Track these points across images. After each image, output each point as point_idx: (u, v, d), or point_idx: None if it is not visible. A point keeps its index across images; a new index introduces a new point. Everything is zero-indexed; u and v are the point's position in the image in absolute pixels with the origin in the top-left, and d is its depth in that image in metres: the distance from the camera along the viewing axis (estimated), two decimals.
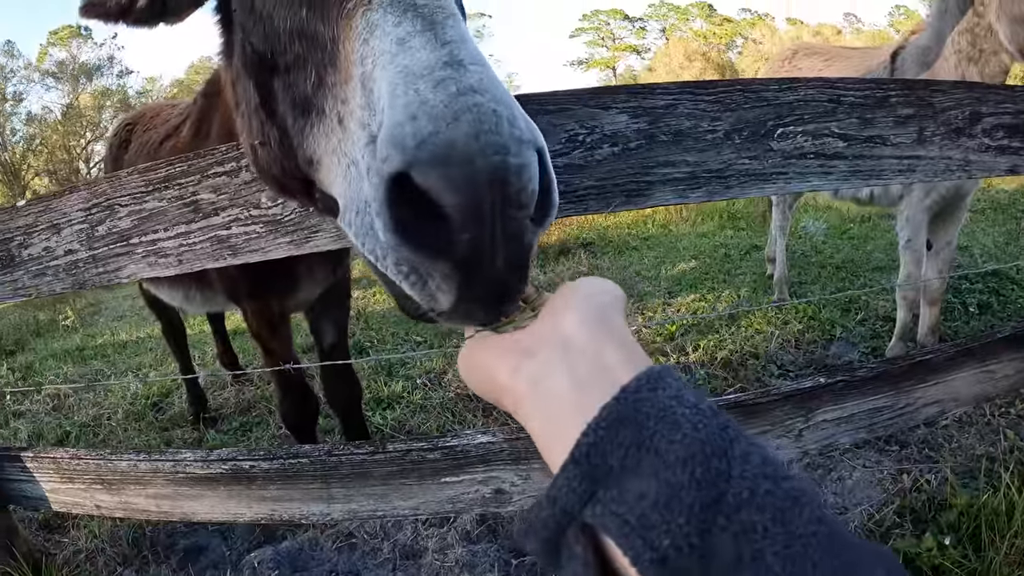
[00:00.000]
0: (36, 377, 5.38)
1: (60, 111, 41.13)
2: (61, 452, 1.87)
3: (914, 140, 1.39)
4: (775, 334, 3.75)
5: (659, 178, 1.19)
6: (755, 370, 3.36)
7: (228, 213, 1.24)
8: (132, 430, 3.69)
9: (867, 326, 3.83)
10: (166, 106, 3.08)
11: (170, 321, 3.84)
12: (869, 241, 6.09)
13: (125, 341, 6.29)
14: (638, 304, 4.75)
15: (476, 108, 0.56)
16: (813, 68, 4.07)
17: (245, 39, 0.93)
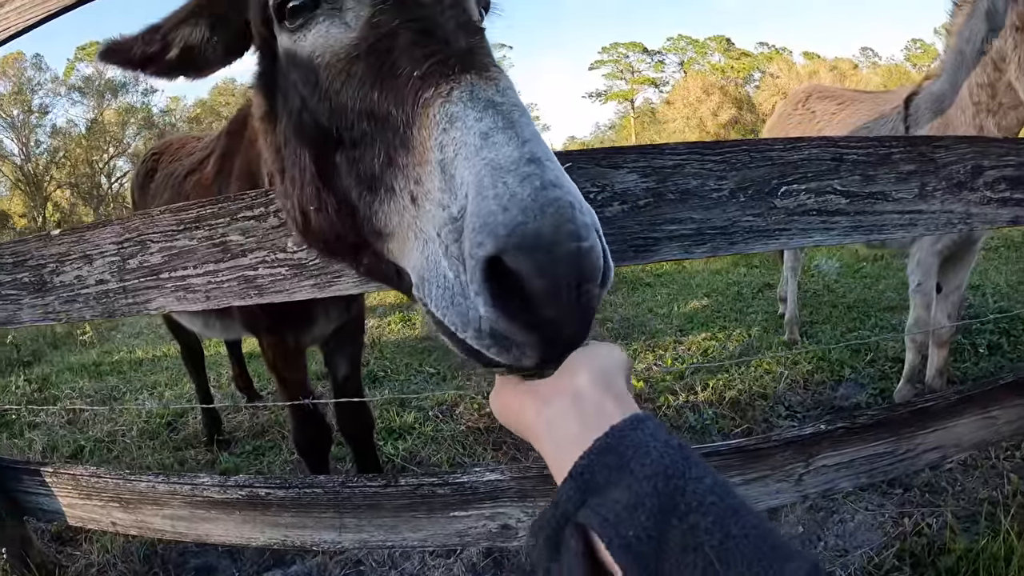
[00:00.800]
0: (52, 390, 5.46)
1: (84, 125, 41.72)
2: (81, 469, 1.92)
3: (916, 195, 1.42)
4: (784, 375, 3.77)
5: (666, 234, 1.24)
6: (763, 411, 3.38)
7: (256, 255, 1.31)
8: (146, 448, 3.75)
9: (876, 367, 3.84)
10: (191, 139, 3.22)
11: (189, 344, 3.92)
12: (881, 280, 6.11)
13: (141, 359, 6.38)
14: (649, 341, 4.79)
15: (557, 202, 0.65)
16: (826, 111, 4.12)
17: (303, 111, 0.99)
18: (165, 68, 1.17)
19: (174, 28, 1.16)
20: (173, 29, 1.16)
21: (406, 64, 0.83)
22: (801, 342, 4.51)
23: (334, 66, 0.92)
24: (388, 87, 0.84)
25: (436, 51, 0.82)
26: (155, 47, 1.16)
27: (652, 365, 4.27)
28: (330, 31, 0.93)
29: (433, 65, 0.80)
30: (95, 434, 4.04)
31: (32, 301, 1.67)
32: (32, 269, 1.64)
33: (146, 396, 4.90)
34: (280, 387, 2.33)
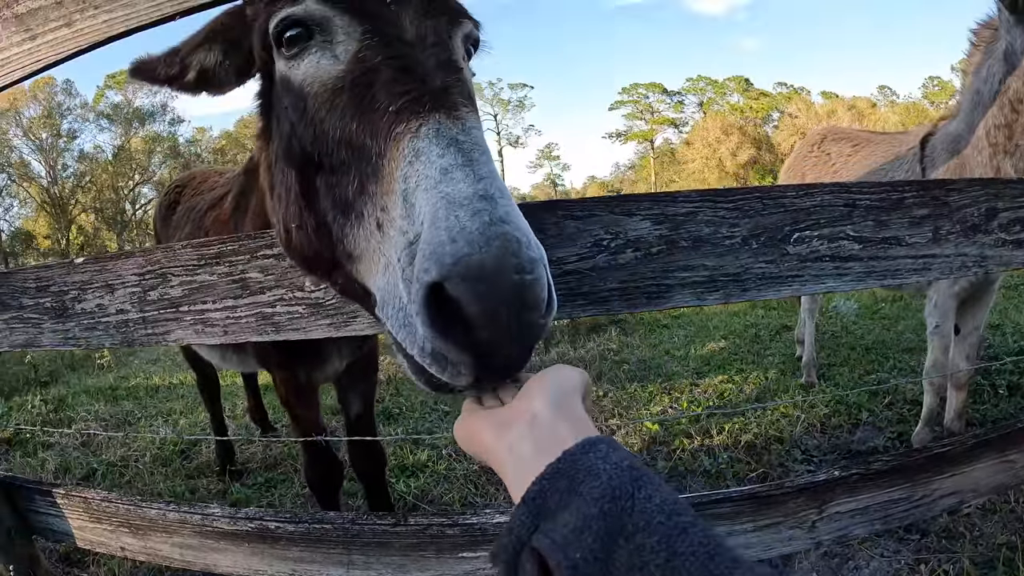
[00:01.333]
0: (68, 411, 5.52)
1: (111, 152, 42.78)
2: (92, 493, 1.93)
3: (929, 239, 1.41)
4: (801, 418, 3.73)
5: (678, 281, 1.25)
6: (779, 455, 3.34)
7: (274, 293, 1.33)
8: (158, 475, 3.77)
9: (894, 410, 3.80)
10: (213, 173, 3.30)
11: (205, 374, 3.96)
12: (900, 321, 6.08)
13: (158, 385, 6.43)
14: (666, 384, 4.77)
15: (503, 236, 0.71)
16: (842, 153, 4.13)
17: (292, 134, 1.05)
18: (186, 87, 1.25)
19: (190, 52, 1.24)
20: (190, 53, 1.24)
21: (384, 99, 0.89)
22: (818, 385, 4.46)
23: (321, 95, 0.98)
24: (366, 119, 0.90)
25: (412, 88, 0.88)
26: (175, 69, 1.24)
27: (668, 408, 4.24)
28: (320, 62, 0.99)
29: (407, 102, 0.87)
30: (108, 458, 4.07)
31: (53, 326, 1.69)
32: (54, 295, 1.67)
33: (161, 423, 4.94)
34: (292, 422, 2.35)
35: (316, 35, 1.00)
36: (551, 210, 1.21)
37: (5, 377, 7.51)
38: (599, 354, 5.81)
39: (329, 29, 0.99)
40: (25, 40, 1.56)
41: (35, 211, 41.99)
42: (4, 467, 4.13)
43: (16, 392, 6.85)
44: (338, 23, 0.98)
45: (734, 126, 47.43)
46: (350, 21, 0.97)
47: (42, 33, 1.53)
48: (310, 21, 0.99)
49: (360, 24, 0.97)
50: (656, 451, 3.50)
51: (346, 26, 0.97)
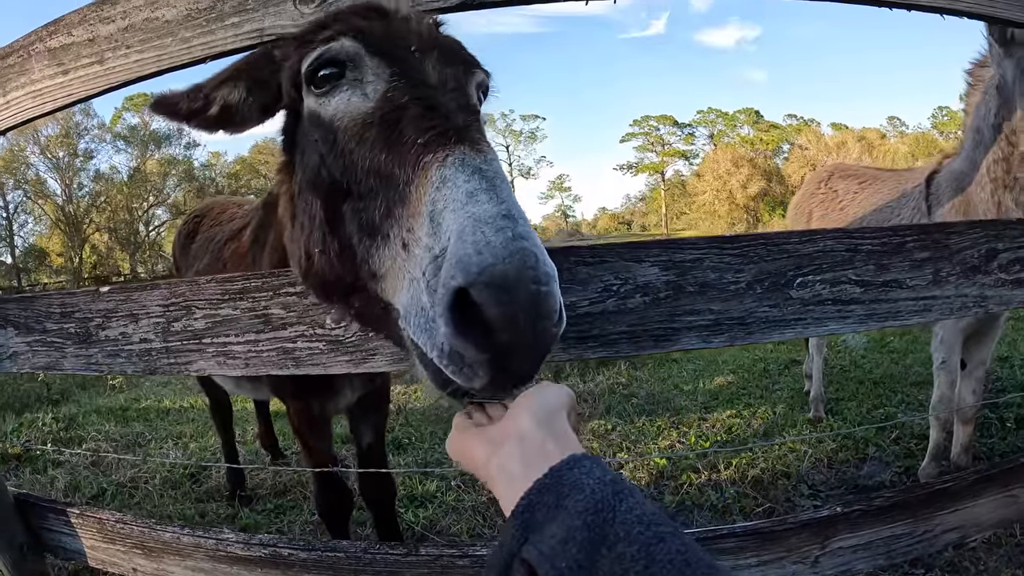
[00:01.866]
0: (78, 430, 5.57)
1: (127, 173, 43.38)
2: (107, 514, 1.96)
3: (930, 281, 1.44)
4: (808, 453, 3.74)
5: (685, 325, 1.29)
6: (785, 490, 3.34)
7: (295, 329, 1.38)
8: (168, 497, 3.79)
9: (902, 444, 3.80)
10: (231, 204, 3.37)
11: (218, 399, 4.01)
12: (909, 355, 6.06)
13: (168, 408, 6.46)
14: (674, 418, 4.78)
15: (523, 251, 0.78)
16: (848, 190, 4.16)
17: (321, 165, 1.13)
18: (206, 123, 1.32)
19: (215, 88, 1.31)
20: (215, 89, 1.31)
21: (412, 133, 0.97)
22: (826, 419, 4.46)
23: (351, 129, 1.07)
24: (395, 150, 0.99)
25: (438, 124, 0.97)
26: (198, 104, 1.31)
27: (676, 442, 4.25)
28: (351, 99, 1.09)
29: (434, 135, 0.95)
30: (118, 479, 4.11)
31: (76, 351, 1.74)
32: (79, 321, 1.71)
33: (171, 445, 4.97)
34: (304, 451, 2.39)
35: (348, 74, 1.09)
36: (564, 256, 1.26)
37: (17, 394, 7.57)
38: (608, 387, 5.83)
39: (360, 69, 1.09)
40: (57, 74, 1.63)
41: (49, 229, 42.44)
42: (14, 483, 4.17)
43: (27, 409, 6.91)
44: (369, 64, 1.08)
45: (744, 158, 47.61)
46: (379, 63, 1.07)
47: (74, 68, 1.60)
48: (344, 59, 1.09)
49: (389, 67, 1.07)
50: (663, 485, 3.51)
51: (376, 68, 1.07)
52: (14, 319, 1.85)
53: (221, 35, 1.40)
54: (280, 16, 1.34)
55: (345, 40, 1.09)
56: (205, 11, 1.41)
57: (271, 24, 1.35)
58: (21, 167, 39.87)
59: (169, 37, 1.45)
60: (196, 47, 1.43)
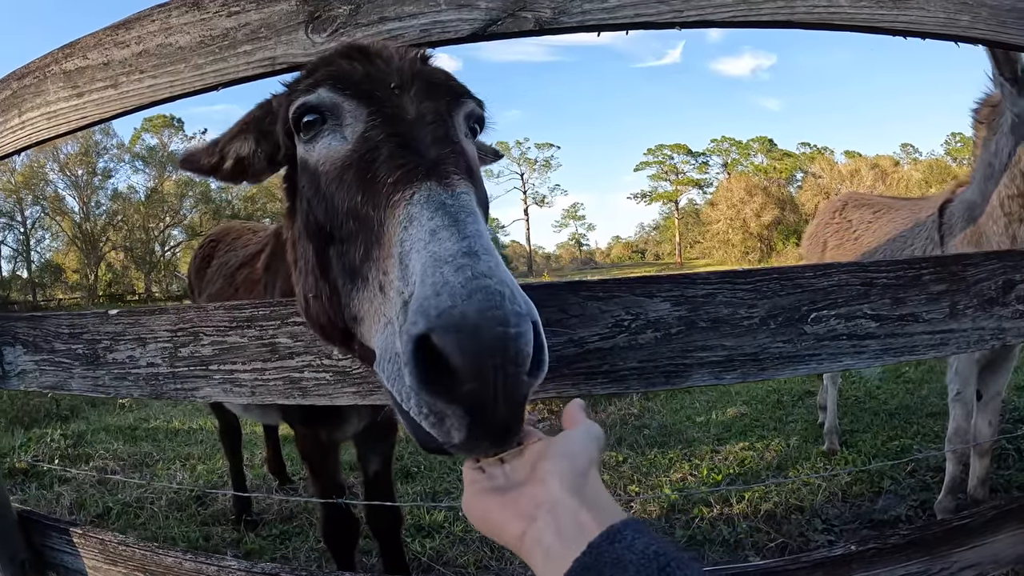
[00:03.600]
0: (86, 448, 5.55)
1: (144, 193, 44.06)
2: (110, 536, 1.94)
3: (947, 315, 1.40)
4: (822, 486, 3.67)
5: (696, 361, 1.26)
6: (799, 525, 3.28)
7: (302, 359, 1.37)
8: (173, 519, 3.77)
9: (917, 477, 3.73)
10: (246, 230, 3.41)
11: (227, 422, 4.00)
12: (924, 385, 5.99)
13: (177, 429, 6.46)
14: (686, 450, 4.72)
15: (485, 289, 0.74)
16: (862, 220, 4.14)
17: (309, 210, 1.12)
18: (224, 176, 1.36)
19: (228, 143, 1.34)
20: (227, 144, 1.34)
21: (383, 172, 0.96)
22: (841, 452, 4.39)
23: (331, 173, 1.06)
24: (369, 192, 0.97)
25: (408, 161, 0.95)
26: (215, 159, 1.35)
27: (688, 475, 4.19)
28: (331, 143, 1.08)
29: (403, 173, 0.93)
30: (124, 498, 4.09)
31: (83, 372, 1.74)
32: (87, 343, 1.71)
33: (179, 467, 4.95)
34: (311, 477, 2.39)
35: (329, 120, 1.09)
36: (575, 291, 1.25)
37: (26, 408, 7.57)
38: (620, 418, 5.76)
39: (339, 114, 1.08)
40: (72, 96, 1.64)
41: (66, 245, 43.04)
42: (19, 498, 4.17)
43: (36, 424, 6.94)
44: (347, 108, 1.07)
45: (758, 187, 47.67)
46: (357, 105, 1.06)
47: (88, 91, 1.61)
48: (323, 107, 1.08)
49: (366, 107, 1.05)
50: (675, 519, 3.45)
51: (354, 110, 1.06)
52: (23, 337, 1.86)
53: (233, 63, 1.41)
54: (292, 45, 1.35)
55: (322, 90, 1.09)
56: (218, 38, 1.42)
57: (283, 53, 1.36)
58: (40, 183, 40.57)
59: (182, 63, 1.46)
60: (208, 74, 1.44)
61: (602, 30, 1.27)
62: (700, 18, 1.24)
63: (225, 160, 1.35)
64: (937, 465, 3.73)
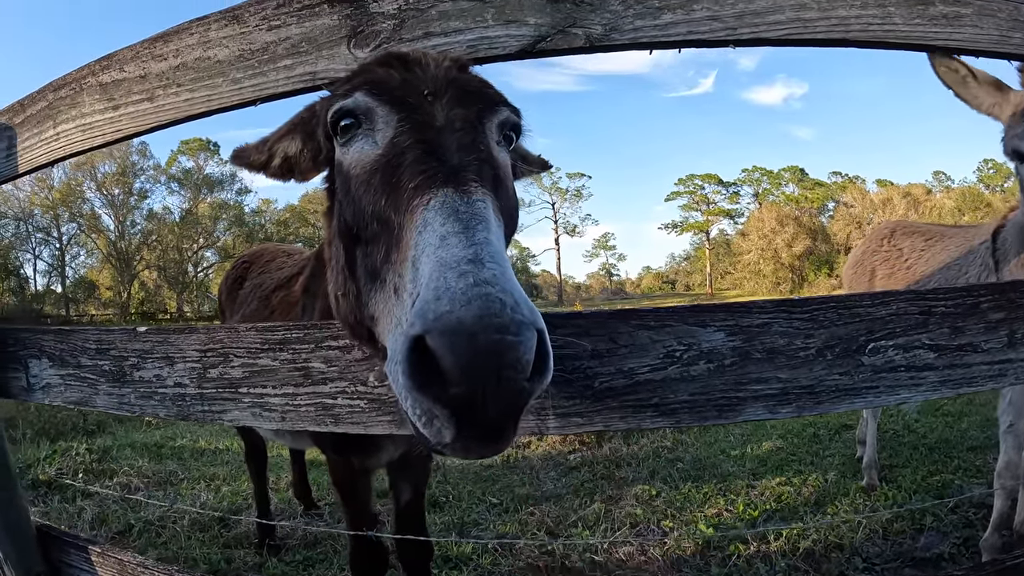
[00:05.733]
0: (111, 463, 5.57)
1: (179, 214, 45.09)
2: (128, 556, 1.91)
3: (1005, 344, 1.33)
4: (861, 524, 3.53)
5: (751, 394, 1.20)
6: (839, 563, 3.16)
7: (336, 385, 1.32)
8: (196, 540, 3.74)
9: (959, 513, 3.58)
10: (281, 252, 3.41)
11: (254, 445, 3.98)
12: (964, 418, 5.85)
13: (204, 448, 6.47)
14: (721, 485, 4.60)
15: (485, 296, 0.75)
16: (914, 248, 4.05)
17: (341, 211, 1.16)
18: (273, 173, 1.41)
19: (276, 141, 1.40)
20: (275, 142, 1.40)
21: (407, 178, 0.98)
22: (880, 487, 4.24)
23: (360, 176, 1.09)
24: (392, 196, 1.00)
25: (430, 168, 0.97)
26: (264, 156, 1.40)
27: (723, 510, 4.06)
28: (363, 148, 1.11)
29: (423, 179, 0.96)
30: (146, 516, 4.07)
31: (109, 389, 1.71)
32: (114, 359, 1.69)
33: (203, 487, 4.95)
34: (342, 506, 2.35)
35: (363, 124, 1.12)
36: (625, 320, 1.19)
37: (53, 421, 7.68)
38: (653, 451, 5.64)
39: (372, 119, 1.11)
40: (108, 109, 1.64)
41: (100, 262, 44.05)
42: (41, 510, 4.18)
43: (62, 437, 7.00)
44: (380, 113, 1.10)
45: (789, 216, 47.43)
46: (390, 111, 1.09)
47: (124, 104, 1.61)
48: (358, 112, 1.11)
49: (397, 113, 1.08)
50: (710, 556, 3.33)
51: (386, 115, 1.09)
52: (50, 351, 1.85)
53: (273, 77, 1.39)
54: (333, 60, 1.33)
55: (358, 94, 1.12)
56: (258, 52, 1.40)
57: (324, 68, 1.34)
58: (77, 201, 41.67)
59: (220, 77, 1.45)
60: (247, 88, 1.43)
61: (654, 48, 1.23)
62: (753, 35, 1.20)
63: (273, 158, 1.40)
64: (980, 501, 3.60)
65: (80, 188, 41.62)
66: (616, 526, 3.80)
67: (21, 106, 1.89)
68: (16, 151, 1.91)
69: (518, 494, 4.52)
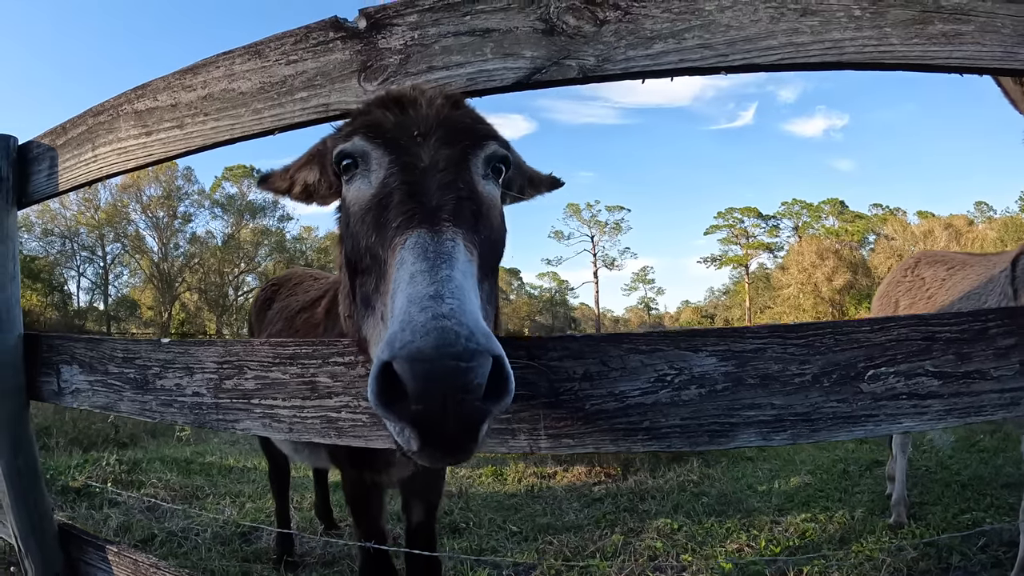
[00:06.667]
0: (140, 475, 5.69)
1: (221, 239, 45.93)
2: (143, 557, 1.98)
3: (1017, 371, 1.27)
4: (886, 562, 3.44)
5: (744, 420, 1.19)
6: None
7: (340, 399, 1.37)
8: (216, 552, 3.80)
9: (988, 553, 3.49)
10: (308, 276, 3.51)
11: (277, 463, 4.05)
12: (1000, 454, 5.70)
13: (231, 466, 6.56)
14: (744, 520, 4.53)
15: (442, 329, 0.85)
16: (936, 277, 3.99)
17: (344, 243, 1.29)
18: (295, 198, 1.54)
19: (297, 170, 1.51)
20: (296, 171, 1.51)
21: (392, 217, 1.09)
22: (908, 525, 4.13)
23: (357, 213, 1.20)
24: (380, 233, 1.11)
25: (411, 208, 1.08)
26: (286, 183, 1.53)
27: (745, 546, 4.00)
28: (360, 187, 1.22)
29: (403, 220, 1.07)
30: (170, 526, 4.16)
31: (133, 396, 1.81)
32: (139, 368, 1.79)
33: (228, 503, 5.02)
34: (354, 521, 2.40)
35: (360, 164, 1.22)
36: (617, 343, 1.21)
37: (88, 432, 7.89)
38: (678, 485, 5.56)
39: (368, 160, 1.21)
40: (141, 135, 1.76)
41: (143, 282, 45.05)
42: (68, 515, 4.28)
43: (94, 447, 7.20)
44: (374, 155, 1.20)
45: (829, 250, 46.50)
46: (383, 153, 1.19)
47: (156, 131, 1.72)
48: (355, 154, 1.22)
49: (388, 155, 1.18)
50: None
51: (380, 157, 1.19)
52: (80, 357, 1.97)
53: (290, 108, 1.48)
54: (345, 92, 1.41)
55: (356, 138, 1.22)
56: (277, 85, 1.49)
57: (336, 100, 1.42)
58: (123, 222, 42.81)
59: (243, 108, 1.54)
60: (267, 118, 1.51)
61: (646, 77, 1.26)
62: (745, 62, 1.22)
63: (295, 185, 1.51)
64: (1011, 539, 3.47)
65: (126, 210, 42.78)
66: (635, 558, 3.75)
67: (63, 129, 2.03)
68: (57, 171, 2.05)
69: (539, 523, 4.51)
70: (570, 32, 1.26)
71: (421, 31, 1.36)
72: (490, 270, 1.20)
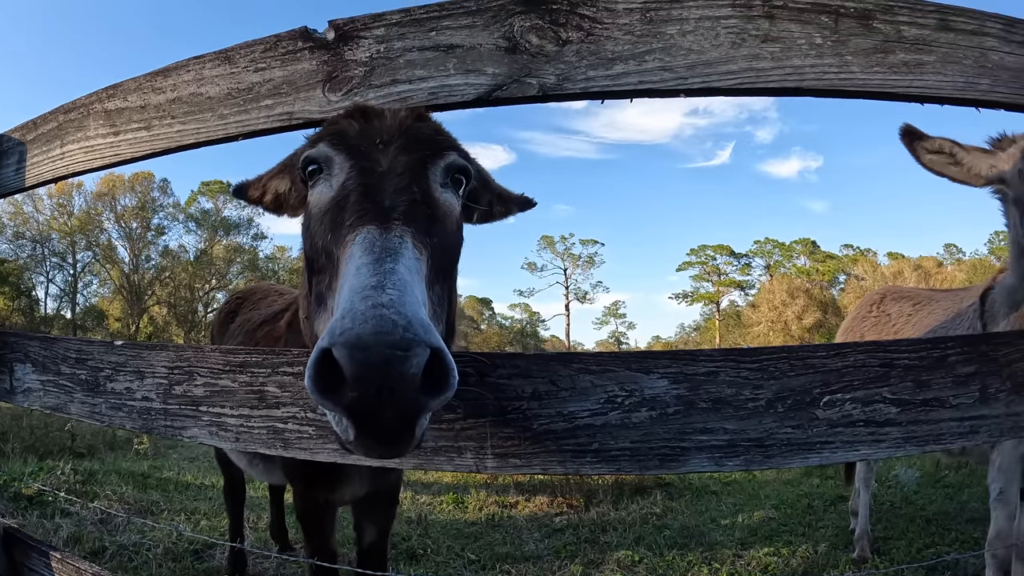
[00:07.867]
0: (95, 486, 5.56)
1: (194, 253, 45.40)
2: (86, 565, 1.94)
3: (976, 399, 1.28)
4: None
5: (695, 444, 1.18)
6: None
7: (288, 410, 1.34)
8: (167, 569, 3.72)
9: None
10: (273, 291, 3.51)
11: (232, 478, 3.98)
12: (965, 489, 5.76)
13: (189, 483, 6.43)
14: (707, 553, 4.50)
15: (380, 317, 0.85)
16: (902, 313, 4.02)
17: (304, 245, 1.32)
18: (267, 207, 1.58)
19: (269, 180, 1.56)
20: (268, 180, 1.56)
21: (346, 216, 1.12)
22: (872, 560, 4.14)
23: (317, 215, 1.23)
24: (335, 232, 1.14)
25: (364, 208, 1.11)
26: (258, 192, 1.57)
27: None
28: (322, 190, 1.24)
29: (356, 218, 1.10)
30: (122, 540, 4.05)
31: (83, 398, 1.78)
32: (90, 369, 1.76)
33: (183, 519, 4.90)
34: (304, 539, 2.38)
35: (324, 170, 1.25)
36: (566, 363, 1.20)
37: (44, 439, 7.74)
38: (640, 517, 5.53)
39: (331, 166, 1.24)
40: (109, 134, 1.76)
41: (112, 293, 44.26)
42: (19, 522, 4.15)
43: (50, 455, 7.02)
44: (337, 161, 1.23)
45: (800, 289, 47.25)
46: (345, 159, 1.22)
47: (124, 131, 1.72)
48: (320, 160, 1.25)
49: (349, 160, 1.21)
50: None
51: (342, 163, 1.23)
52: (34, 356, 1.95)
53: (255, 115, 1.47)
54: (309, 102, 1.41)
55: (322, 144, 1.25)
56: (244, 91, 1.49)
57: (300, 109, 1.42)
58: (96, 231, 42.17)
59: (210, 112, 1.54)
60: (232, 124, 1.51)
61: (606, 97, 1.27)
62: (704, 85, 1.23)
63: (266, 194, 1.56)
64: (976, 573, 3.53)
65: (99, 218, 42.21)
66: None
67: (34, 124, 2.03)
68: (25, 166, 2.04)
69: (498, 552, 4.46)
70: (532, 51, 1.27)
71: (387, 44, 1.36)
72: (443, 275, 1.22)
